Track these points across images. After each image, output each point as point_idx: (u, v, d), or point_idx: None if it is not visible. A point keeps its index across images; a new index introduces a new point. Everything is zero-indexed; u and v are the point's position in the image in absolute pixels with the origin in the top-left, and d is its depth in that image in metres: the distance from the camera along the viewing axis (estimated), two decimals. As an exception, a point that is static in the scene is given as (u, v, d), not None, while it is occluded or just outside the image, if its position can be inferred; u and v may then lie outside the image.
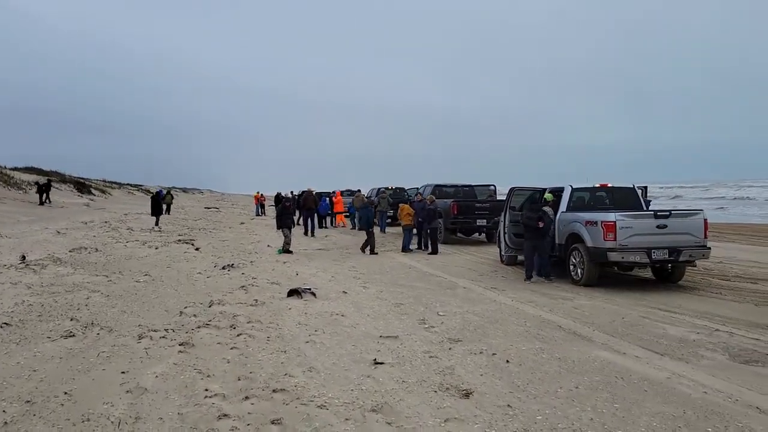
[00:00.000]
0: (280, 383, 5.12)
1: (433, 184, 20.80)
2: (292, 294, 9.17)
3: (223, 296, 9.08)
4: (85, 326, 6.97)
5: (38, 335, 6.57)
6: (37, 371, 5.36)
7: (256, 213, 37.84)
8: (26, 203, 32.15)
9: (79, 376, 5.27)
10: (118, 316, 7.61)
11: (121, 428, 4.16)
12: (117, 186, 69.88)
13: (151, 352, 6.00)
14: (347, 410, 4.53)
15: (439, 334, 6.95)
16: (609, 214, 10.02)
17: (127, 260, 13.14)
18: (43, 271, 10.73)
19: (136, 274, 11.09)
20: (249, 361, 5.76)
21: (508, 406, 4.65)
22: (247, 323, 7.30)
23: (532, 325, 7.39)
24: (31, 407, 4.52)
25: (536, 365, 5.74)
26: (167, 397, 4.77)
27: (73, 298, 8.64)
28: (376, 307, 8.52)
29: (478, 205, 18.28)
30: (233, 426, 4.19)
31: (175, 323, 7.28)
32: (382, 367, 5.67)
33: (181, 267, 12.40)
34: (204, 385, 5.05)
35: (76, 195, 45.77)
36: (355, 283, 10.74)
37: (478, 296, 9.46)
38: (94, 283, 9.97)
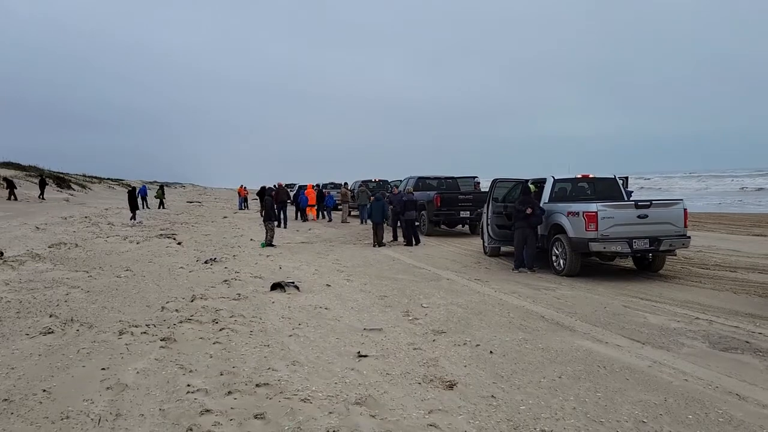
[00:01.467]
0: (264, 377, 5.08)
1: (416, 176, 20.79)
2: (275, 288, 9.12)
3: (206, 291, 9.00)
4: (64, 323, 6.87)
5: (16, 332, 6.47)
6: (15, 369, 5.27)
7: (239, 207, 37.61)
8: (2, 199, 31.68)
9: (59, 373, 5.19)
10: (99, 312, 7.52)
11: (102, 425, 4.10)
12: (97, 181, 69.13)
13: (132, 348, 5.93)
14: (331, 403, 4.52)
15: (423, 326, 6.95)
16: (590, 205, 10.08)
17: (108, 255, 13.00)
18: (21, 267, 10.56)
19: (117, 270, 10.97)
20: (232, 356, 5.72)
21: (492, 397, 4.67)
22: (229, 317, 7.24)
23: (516, 316, 7.42)
24: (9, 405, 4.44)
25: (520, 356, 5.77)
26: (148, 393, 4.72)
27: (53, 294, 8.52)
28: (360, 300, 8.51)
29: (461, 197, 18.32)
30: (216, 421, 4.15)
31: (156, 318, 7.20)
32: (366, 359, 5.66)
33: (163, 262, 12.28)
34: (186, 380, 5.00)
35: (55, 190, 45.17)
36: (338, 276, 10.71)
37: (462, 288, 9.48)
38: (74, 278, 9.84)
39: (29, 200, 34.48)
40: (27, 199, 34.40)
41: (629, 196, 12.84)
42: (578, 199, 11.49)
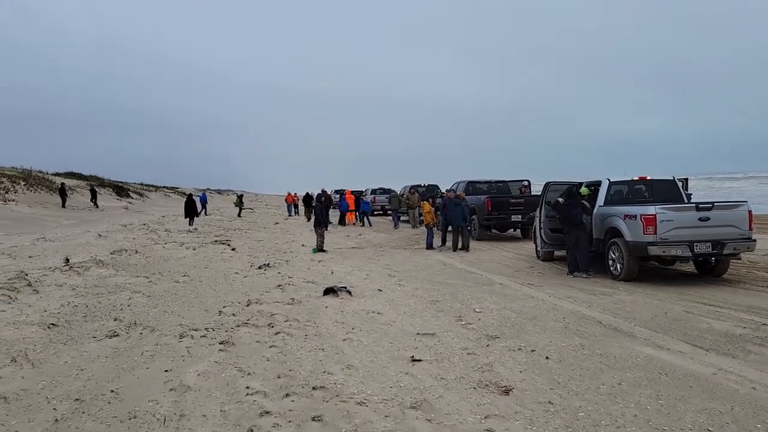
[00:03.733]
0: (320, 380, 5.15)
1: (466, 180, 20.66)
2: (328, 292, 9.22)
3: (261, 295, 9.17)
4: (128, 326, 7.12)
5: (84, 335, 6.74)
6: (84, 370, 5.50)
7: (289, 213, 38.16)
8: (68, 207, 33.04)
9: (125, 374, 5.39)
10: (160, 316, 7.76)
11: (167, 425, 4.24)
12: (154, 189, 71.33)
13: (193, 351, 6.10)
14: (387, 407, 4.54)
15: (476, 331, 6.91)
16: (648, 207, 9.82)
17: (166, 261, 13.38)
18: (87, 273, 10.99)
19: (175, 275, 11.29)
20: (288, 359, 5.81)
21: (549, 403, 4.60)
22: (284, 322, 7.36)
23: (571, 321, 7.29)
24: (80, 405, 4.63)
25: (577, 361, 5.67)
26: (210, 395, 4.85)
27: (116, 298, 8.84)
28: (412, 305, 8.51)
29: (512, 201, 18.12)
30: (275, 423, 4.23)
31: (214, 322, 7.38)
32: (420, 364, 5.66)
33: (219, 267, 12.57)
34: (245, 382, 5.11)
35: (114, 198, 46.87)
36: (390, 281, 10.75)
37: (515, 292, 9.38)
38: (135, 284, 10.18)
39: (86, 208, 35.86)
40: (77, 207, 35.78)
41: (689, 199, 12.45)
42: (635, 201, 11.21)
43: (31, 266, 11.66)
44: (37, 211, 28.94)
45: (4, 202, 28.96)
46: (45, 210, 30.24)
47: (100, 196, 43.96)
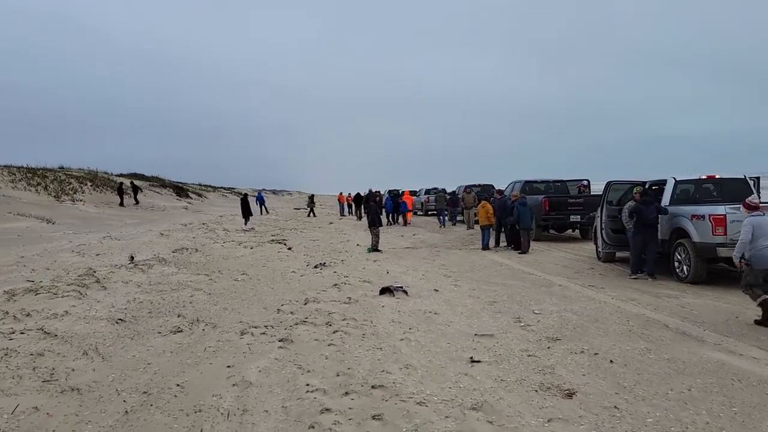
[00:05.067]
0: (378, 379, 5.15)
1: (523, 180, 20.33)
2: (384, 292, 9.23)
3: (317, 294, 9.26)
4: (191, 322, 7.31)
5: (150, 330, 6.96)
6: (151, 364, 5.67)
7: (342, 213, 38.46)
8: (131, 207, 34.25)
9: (189, 369, 5.53)
10: (221, 313, 7.93)
11: (231, 420, 4.32)
12: (212, 189, 73.15)
13: (254, 348, 6.21)
14: (447, 408, 4.50)
15: (536, 333, 6.78)
16: (718, 207, 9.41)
17: (225, 260, 13.68)
18: (150, 271, 11.35)
19: (234, 273, 11.52)
20: (346, 358, 5.84)
21: (615, 408, 4.47)
22: (342, 320, 7.41)
23: (636, 325, 7.05)
24: (148, 398, 4.78)
25: (643, 366, 5.48)
26: (271, 391, 4.92)
27: (179, 296, 9.08)
28: (470, 305, 8.42)
29: (571, 201, 17.71)
30: (336, 420, 4.25)
31: (273, 320, 7.50)
32: (479, 365, 5.60)
33: (276, 266, 12.77)
34: (305, 380, 5.16)
35: (175, 198, 48.32)
36: (446, 281, 10.67)
37: (576, 294, 9.15)
38: (196, 281, 10.45)
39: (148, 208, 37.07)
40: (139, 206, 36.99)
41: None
42: (703, 201, 10.76)
43: (99, 264, 12.13)
44: (102, 211, 30.13)
45: (72, 203, 30.28)
46: (110, 209, 31.45)
47: (161, 196, 45.44)
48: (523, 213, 15.14)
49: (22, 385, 4.98)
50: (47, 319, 7.20)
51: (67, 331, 6.73)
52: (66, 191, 32.27)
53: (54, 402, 4.66)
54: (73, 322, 7.14)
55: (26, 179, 31.09)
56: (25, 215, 22.03)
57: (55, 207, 27.17)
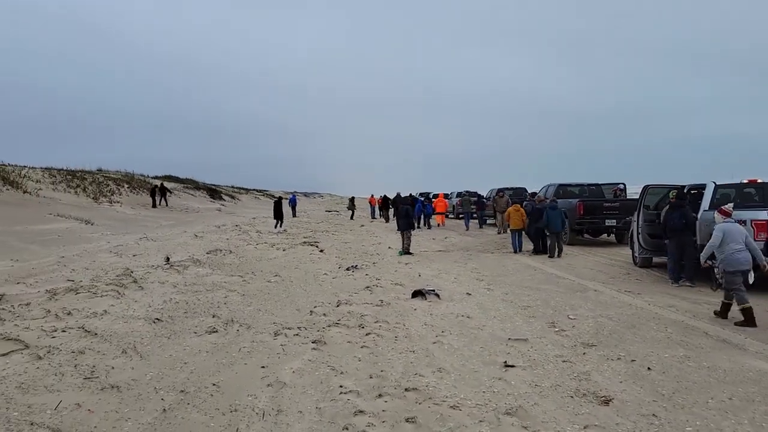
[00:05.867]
0: (412, 382, 5.15)
1: (556, 183, 20.09)
2: (416, 295, 9.22)
3: (350, 296, 9.30)
4: (226, 323, 7.40)
5: (186, 330, 7.07)
6: (187, 363, 5.76)
7: (373, 215, 38.48)
8: (163, 209, 34.84)
9: (224, 369, 5.60)
10: (255, 314, 8.02)
11: (266, 419, 4.36)
12: (244, 191, 73.92)
13: (287, 349, 6.26)
14: (481, 412, 4.47)
15: (571, 338, 6.69)
16: (760, 212, 9.17)
17: (258, 261, 13.83)
18: (186, 272, 11.53)
19: (267, 275, 11.64)
20: (379, 360, 5.85)
21: (653, 416, 4.38)
22: (374, 323, 7.42)
23: (675, 331, 6.90)
24: (185, 396, 4.86)
25: (682, 374, 5.36)
26: (305, 392, 4.95)
27: (213, 296, 9.21)
28: (503, 310, 8.35)
29: (606, 205, 17.44)
30: (369, 422, 4.26)
31: (306, 321, 7.55)
32: (513, 369, 5.55)
33: (308, 268, 12.86)
34: (338, 381, 5.19)
35: (208, 200, 49.01)
36: (478, 285, 10.60)
37: (611, 299, 9.00)
38: (230, 282, 10.58)
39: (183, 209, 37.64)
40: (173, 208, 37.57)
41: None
42: (745, 206, 10.47)
43: (136, 264, 12.37)
44: (138, 212, 30.71)
45: (110, 204, 30.94)
46: (146, 211, 32.03)
47: (194, 198, 46.08)
48: (553, 217, 14.98)
49: (64, 382, 5.12)
50: (87, 318, 7.38)
51: (106, 329, 6.89)
52: (104, 193, 33.00)
53: (95, 399, 4.77)
54: (112, 321, 7.30)
55: (66, 181, 31.89)
56: (65, 216, 22.59)
57: (93, 208, 27.80)
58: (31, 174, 30.07)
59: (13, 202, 22.80)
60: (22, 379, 5.14)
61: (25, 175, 29.05)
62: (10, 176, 27.04)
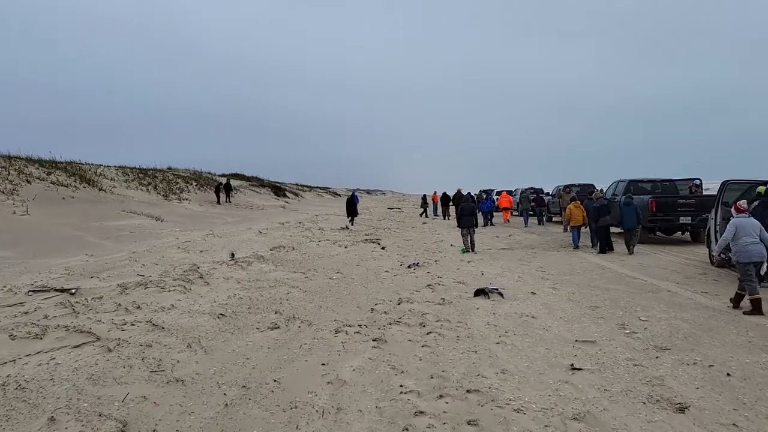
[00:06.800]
0: (474, 384, 5.01)
1: (627, 179, 19.34)
2: (479, 294, 9.04)
3: (411, 294, 9.21)
4: (287, 319, 7.45)
5: (249, 326, 7.15)
6: (249, 359, 5.81)
7: (435, 213, 38.20)
8: (228, 206, 35.72)
9: (285, 365, 5.61)
10: (316, 311, 8.04)
11: (325, 417, 4.33)
12: (308, 189, 75.01)
13: (348, 347, 6.23)
14: (546, 416, 4.29)
15: (642, 341, 6.37)
16: None
17: (320, 258, 13.92)
18: (250, 268, 11.73)
19: (329, 272, 11.69)
20: (440, 360, 5.73)
21: (734, 425, 4.10)
22: (435, 322, 7.31)
23: (756, 335, 6.47)
24: (246, 392, 4.89)
25: (765, 381, 5.01)
26: (365, 391, 4.89)
27: (276, 293, 9.31)
28: (569, 310, 8.06)
29: (680, 201, 16.65)
30: (430, 423, 4.16)
31: (367, 319, 7.51)
32: (581, 373, 5.32)
33: (369, 265, 12.84)
34: (398, 381, 5.11)
35: (272, 198, 49.95)
36: (543, 284, 10.30)
37: (686, 301, 8.54)
38: (292, 279, 10.68)
39: (247, 207, 38.46)
40: (239, 204, 38.41)
41: None
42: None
43: (202, 260, 12.67)
44: (206, 209, 31.59)
45: (179, 201, 31.96)
46: (213, 208, 32.90)
47: (259, 196, 47.05)
48: (627, 213, 14.47)
49: (132, 375, 5.25)
50: (155, 312, 7.58)
51: (173, 324, 7.05)
52: (173, 190, 34.15)
53: (160, 392, 4.86)
54: (178, 316, 7.47)
55: (138, 179, 33.19)
56: (136, 213, 23.48)
57: (163, 205, 28.78)
58: (106, 172, 31.47)
59: (90, 200, 23.88)
60: (92, 371, 5.30)
61: (101, 174, 30.41)
62: (87, 175, 28.37)
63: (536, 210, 27.31)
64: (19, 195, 20.43)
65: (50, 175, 25.09)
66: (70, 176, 26.51)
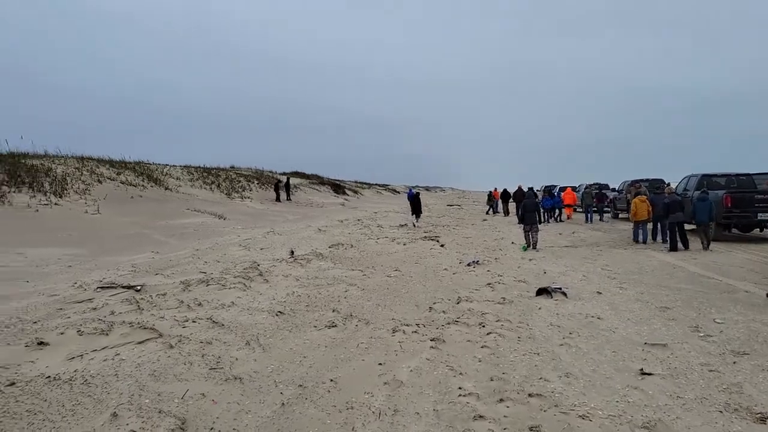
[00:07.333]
0: (536, 387, 4.81)
1: (700, 174, 18.45)
2: (541, 293, 8.76)
3: (470, 293, 9.02)
4: (345, 318, 7.40)
5: (306, 324, 7.15)
6: (306, 357, 5.78)
7: (495, 209, 37.59)
8: (293, 204, 36.26)
9: (342, 364, 5.55)
10: (374, 310, 7.97)
11: (382, 419, 4.23)
12: (367, 186, 75.41)
13: (405, 346, 6.11)
14: (614, 424, 4.06)
15: (718, 345, 5.99)
16: None
17: (379, 256, 13.87)
18: (308, 265, 11.80)
19: (387, 270, 11.62)
20: (501, 362, 5.55)
21: (824, 440, 3.75)
22: (495, 322, 7.11)
23: None
24: (303, 391, 4.85)
25: None
26: (422, 392, 4.77)
27: (334, 290, 9.30)
28: (637, 311, 7.69)
29: (759, 197, 15.73)
30: (489, 428, 4.01)
31: (425, 318, 7.37)
32: (651, 378, 5.03)
33: (428, 263, 12.69)
34: (457, 383, 4.96)
35: (332, 195, 50.45)
36: (610, 283, 9.89)
37: (766, 302, 8.01)
38: (350, 277, 10.66)
39: (307, 204, 38.95)
40: (299, 202, 38.90)
41: None
42: None
43: (262, 257, 12.85)
44: (267, 207, 32.17)
45: (241, 199, 32.69)
46: (273, 206, 33.50)
47: (319, 193, 47.62)
48: (700, 209, 13.83)
49: (191, 372, 5.30)
50: (215, 309, 7.69)
51: (232, 321, 7.12)
52: (236, 189, 34.98)
53: (219, 389, 4.88)
54: (237, 313, 7.55)
55: (202, 178, 34.15)
56: (200, 211, 24.13)
57: (226, 203, 29.49)
58: (171, 171, 32.52)
59: (156, 198, 24.70)
60: (154, 367, 5.39)
61: (167, 173, 31.45)
62: (154, 174, 29.38)
63: (598, 206, 26.73)
64: (90, 194, 21.33)
65: (120, 175, 26.12)
66: (138, 176, 27.53)
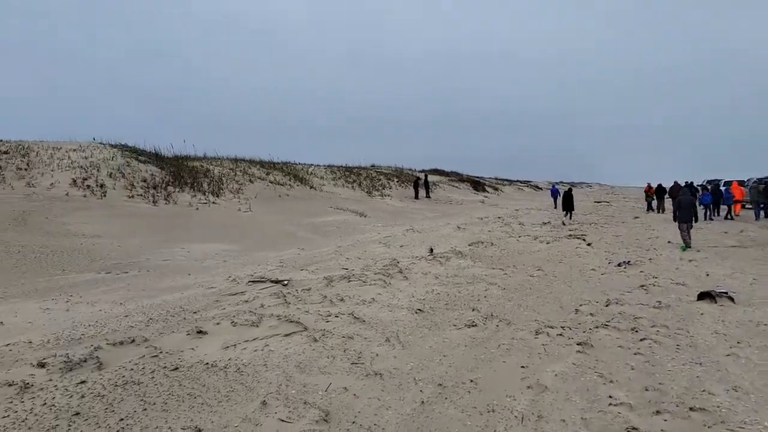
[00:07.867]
0: (698, 401, 4.36)
1: None
2: (703, 297, 7.98)
3: (621, 295, 8.44)
4: (485, 317, 7.23)
5: (445, 322, 7.07)
6: (446, 356, 5.70)
7: (649, 207, 35.06)
8: (432, 201, 36.40)
9: (482, 365, 5.41)
10: (515, 310, 7.71)
11: (525, 424, 4.05)
12: (507, 183, 73.86)
13: (549, 349, 5.83)
14: (796, 449, 3.55)
15: None
16: None
17: (520, 254, 13.45)
18: (448, 263, 11.71)
19: (529, 269, 11.23)
20: (656, 371, 5.10)
21: None
22: (650, 327, 6.57)
23: None
24: (443, 390, 4.78)
25: None
26: (568, 399, 4.51)
27: (474, 289, 9.13)
28: (821, 320, 6.75)
29: None
30: (645, 444, 3.68)
31: (571, 321, 7.00)
32: (842, 398, 4.36)
33: (573, 262, 12.10)
34: (607, 390, 4.63)
35: (471, 192, 49.98)
36: (785, 287, 8.80)
37: None
38: (491, 275, 10.42)
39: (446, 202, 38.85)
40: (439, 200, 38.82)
41: None
42: None
43: (402, 255, 12.96)
44: (406, 205, 32.56)
45: (381, 197, 33.39)
46: (412, 204, 33.84)
47: (458, 191, 47.39)
48: None
49: (334, 365, 5.43)
50: (357, 305, 7.85)
51: (373, 317, 7.22)
52: (376, 187, 35.81)
53: (360, 384, 4.95)
54: (378, 309, 7.64)
55: (344, 177, 35.36)
56: (342, 209, 24.97)
57: (366, 201, 30.25)
58: (315, 171, 34.00)
59: (302, 197, 25.93)
60: (300, 359, 5.59)
61: (311, 173, 32.94)
62: (299, 174, 30.90)
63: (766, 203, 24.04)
64: (243, 193, 22.85)
65: (269, 175, 27.75)
66: (285, 175, 29.09)
